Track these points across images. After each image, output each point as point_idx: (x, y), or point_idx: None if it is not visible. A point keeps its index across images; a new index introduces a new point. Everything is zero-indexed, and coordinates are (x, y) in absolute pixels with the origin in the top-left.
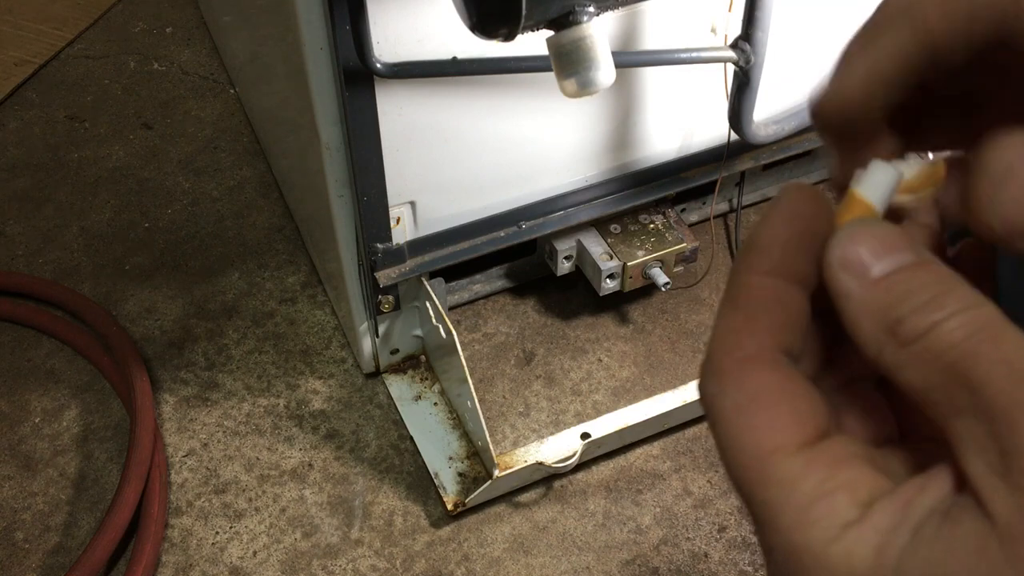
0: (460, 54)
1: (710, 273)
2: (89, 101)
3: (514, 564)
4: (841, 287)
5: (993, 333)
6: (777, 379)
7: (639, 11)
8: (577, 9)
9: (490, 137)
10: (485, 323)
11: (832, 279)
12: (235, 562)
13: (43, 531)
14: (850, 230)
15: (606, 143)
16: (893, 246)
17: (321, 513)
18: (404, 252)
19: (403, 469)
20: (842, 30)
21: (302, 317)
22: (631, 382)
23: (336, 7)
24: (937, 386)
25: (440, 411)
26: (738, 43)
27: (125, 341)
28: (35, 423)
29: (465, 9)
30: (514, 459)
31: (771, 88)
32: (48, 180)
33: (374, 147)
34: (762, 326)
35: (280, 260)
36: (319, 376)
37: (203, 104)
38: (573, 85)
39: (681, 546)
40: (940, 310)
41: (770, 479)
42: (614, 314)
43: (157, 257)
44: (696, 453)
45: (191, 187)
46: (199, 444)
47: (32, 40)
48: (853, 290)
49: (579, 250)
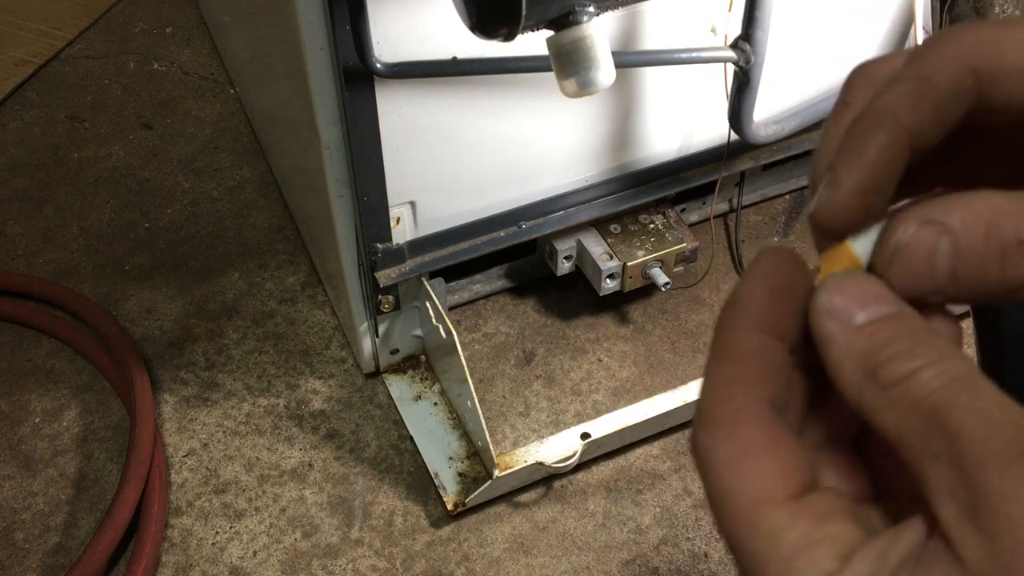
0: (460, 54)
1: (710, 273)
2: (89, 101)
3: (514, 564)
4: (826, 332)
5: (970, 383)
6: (766, 432)
7: (639, 11)
8: (577, 9)
9: (490, 137)
10: (485, 323)
11: (818, 325)
12: (235, 562)
13: (43, 531)
14: (837, 281)
15: (606, 143)
16: (877, 297)
17: (321, 513)
18: (404, 252)
19: (403, 469)
20: (842, 30)
21: (302, 317)
22: (631, 382)
23: (336, 7)
24: (913, 430)
25: (440, 411)
26: (738, 43)
27: (125, 341)
28: (35, 423)
29: (465, 9)
30: (514, 459)
31: (771, 88)
32: (48, 180)
33: (374, 147)
34: (749, 378)
35: (280, 260)
36: (319, 376)
37: (203, 104)
38: (573, 85)
39: (681, 546)
40: (918, 358)
41: (758, 530)
42: (614, 314)
43: (157, 257)
44: None
45: (191, 187)
46: (199, 444)
47: (32, 40)
48: (837, 335)
49: (579, 250)
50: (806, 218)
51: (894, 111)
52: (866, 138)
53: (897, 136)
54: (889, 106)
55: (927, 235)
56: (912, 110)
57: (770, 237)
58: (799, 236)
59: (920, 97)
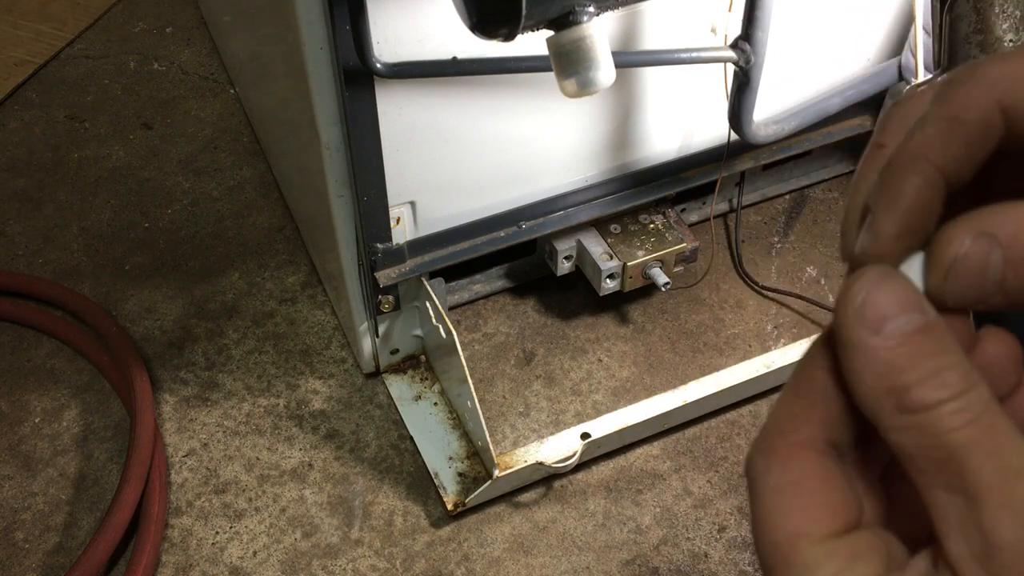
0: (460, 54)
1: (710, 273)
2: (89, 101)
3: (514, 564)
4: (853, 337)
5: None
6: (820, 469)
7: (639, 11)
8: (577, 9)
9: (490, 137)
10: (485, 323)
11: (845, 325)
12: (235, 562)
13: (43, 531)
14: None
15: (606, 143)
16: (908, 304)
17: (321, 513)
18: (404, 252)
19: (403, 469)
20: (842, 30)
21: (302, 317)
22: (631, 382)
23: (336, 7)
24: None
25: (440, 411)
26: (738, 43)
27: (125, 341)
28: (35, 423)
29: (465, 9)
30: (514, 459)
31: (771, 88)
32: (48, 180)
33: (374, 147)
34: (817, 417)
35: (280, 260)
36: (319, 376)
37: (203, 104)
38: (573, 85)
39: (681, 546)
40: (944, 388)
41: (792, 561)
42: (614, 314)
43: (157, 257)
44: (696, 453)
45: (191, 187)
46: (199, 444)
47: (32, 40)
48: (863, 342)
49: (579, 250)
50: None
51: (925, 152)
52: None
53: (930, 177)
54: (920, 147)
55: (981, 248)
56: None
57: (770, 237)
58: (799, 236)
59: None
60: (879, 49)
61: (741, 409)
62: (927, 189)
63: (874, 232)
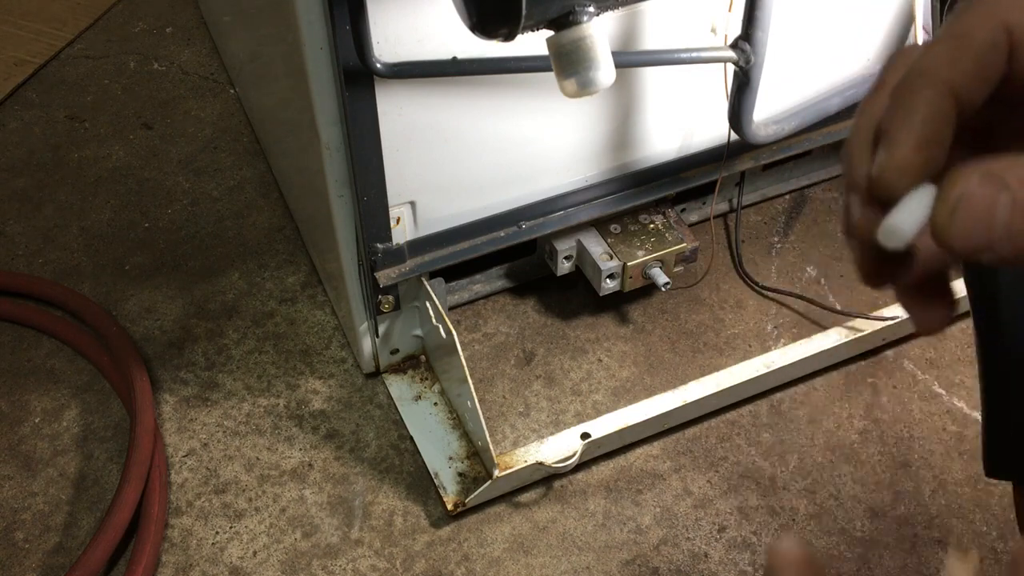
0: (460, 54)
1: (710, 273)
2: (89, 101)
3: (514, 564)
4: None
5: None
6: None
7: (639, 11)
8: (577, 9)
9: (490, 137)
10: (485, 323)
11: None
12: (235, 562)
13: (43, 531)
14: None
15: (606, 143)
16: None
17: (321, 513)
18: (404, 252)
19: (403, 469)
20: (842, 30)
21: (302, 317)
22: (631, 382)
23: (336, 7)
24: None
25: (440, 411)
26: (738, 43)
27: (125, 341)
28: (35, 423)
29: (465, 9)
30: (514, 459)
31: (771, 88)
32: (48, 180)
33: (374, 147)
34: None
35: (280, 260)
36: (319, 376)
37: (203, 104)
38: (573, 85)
39: (681, 546)
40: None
41: None
42: (614, 314)
43: (157, 257)
44: (696, 453)
45: (191, 187)
46: (199, 444)
47: (32, 40)
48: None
49: (579, 250)
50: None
51: (936, 68)
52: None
53: (942, 90)
54: (930, 64)
55: (988, 189)
56: (953, 64)
57: (770, 237)
58: (799, 236)
59: (959, 52)
60: (879, 49)
61: (741, 409)
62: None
63: (891, 147)
